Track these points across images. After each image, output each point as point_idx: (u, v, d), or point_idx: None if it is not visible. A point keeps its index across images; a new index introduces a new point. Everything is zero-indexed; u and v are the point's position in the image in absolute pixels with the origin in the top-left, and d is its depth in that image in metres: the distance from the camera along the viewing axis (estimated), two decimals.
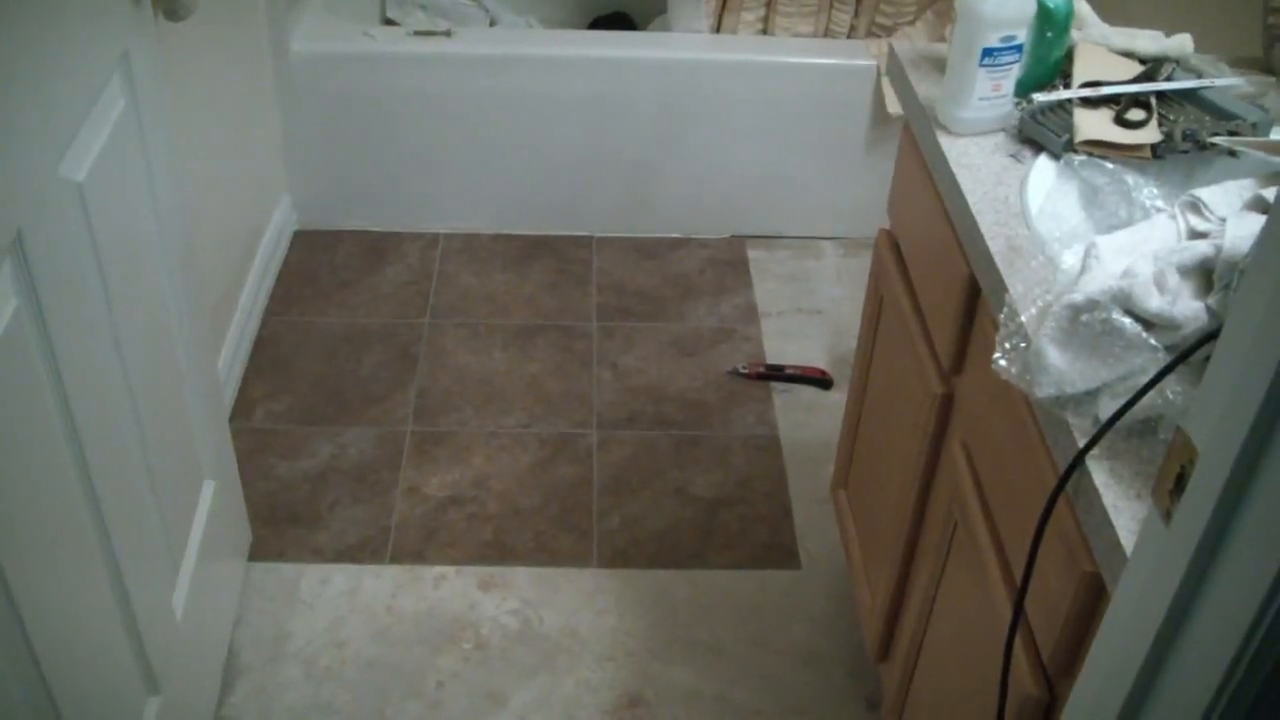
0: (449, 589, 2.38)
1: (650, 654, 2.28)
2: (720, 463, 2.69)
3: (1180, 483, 0.85)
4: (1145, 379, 1.13)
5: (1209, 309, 1.18)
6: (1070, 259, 1.33)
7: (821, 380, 2.90)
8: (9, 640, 1.27)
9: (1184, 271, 1.21)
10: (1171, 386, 1.13)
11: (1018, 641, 1.32)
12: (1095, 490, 1.13)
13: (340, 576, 2.40)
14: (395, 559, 2.44)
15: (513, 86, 3.15)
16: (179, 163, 1.92)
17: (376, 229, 3.35)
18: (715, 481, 2.65)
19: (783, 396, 2.88)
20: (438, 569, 2.43)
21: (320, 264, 3.23)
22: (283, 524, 2.50)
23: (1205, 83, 1.67)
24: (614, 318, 3.09)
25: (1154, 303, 1.18)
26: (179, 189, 1.90)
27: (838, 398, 2.81)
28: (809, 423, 2.80)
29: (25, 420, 1.33)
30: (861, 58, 3.15)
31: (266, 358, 2.91)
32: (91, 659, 1.52)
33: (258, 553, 2.42)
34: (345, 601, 2.35)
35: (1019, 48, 1.61)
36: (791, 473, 2.67)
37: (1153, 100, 1.63)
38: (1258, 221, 1.24)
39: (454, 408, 2.80)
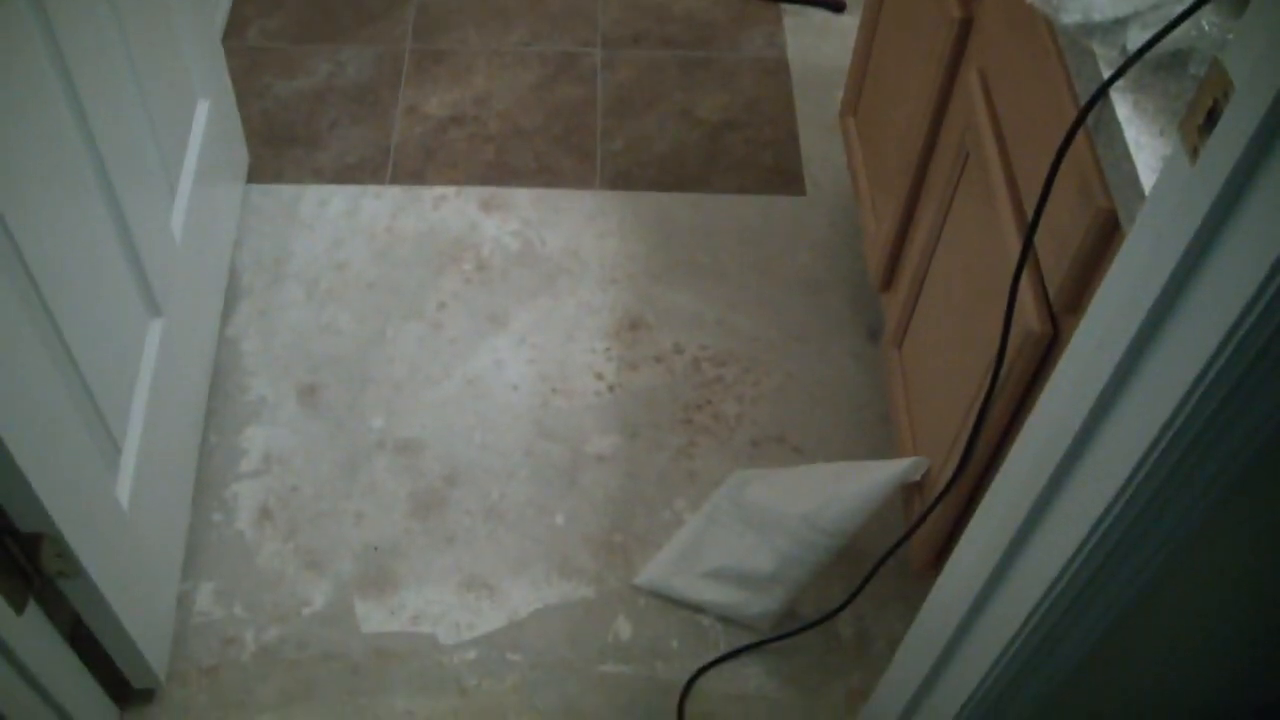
0: (450, 209, 2.37)
1: (652, 277, 2.28)
2: (727, 85, 2.63)
3: (1211, 118, 0.81)
4: (1180, 8, 1.07)
5: None
6: None
7: (834, 3, 2.80)
8: (8, 268, 1.26)
9: None
10: (1208, 17, 1.07)
11: (1024, 276, 1.30)
12: (1118, 124, 1.09)
13: (339, 198, 2.38)
14: (395, 180, 2.42)
15: None
16: None
17: None
18: (721, 104, 2.59)
19: (793, 18, 2.78)
20: (438, 189, 2.40)
21: None
22: (281, 145, 2.46)
23: None
24: None
25: None
26: None
27: (850, 21, 2.72)
28: (819, 46, 2.72)
29: (7, 43, 1.28)
30: None
31: None
32: (92, 285, 1.51)
33: (256, 175, 2.39)
34: (345, 222, 2.33)
35: None
36: (800, 97, 2.61)
37: None
38: None
39: (454, 25, 2.72)
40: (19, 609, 1.34)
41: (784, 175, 2.46)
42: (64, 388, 1.36)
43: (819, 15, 2.79)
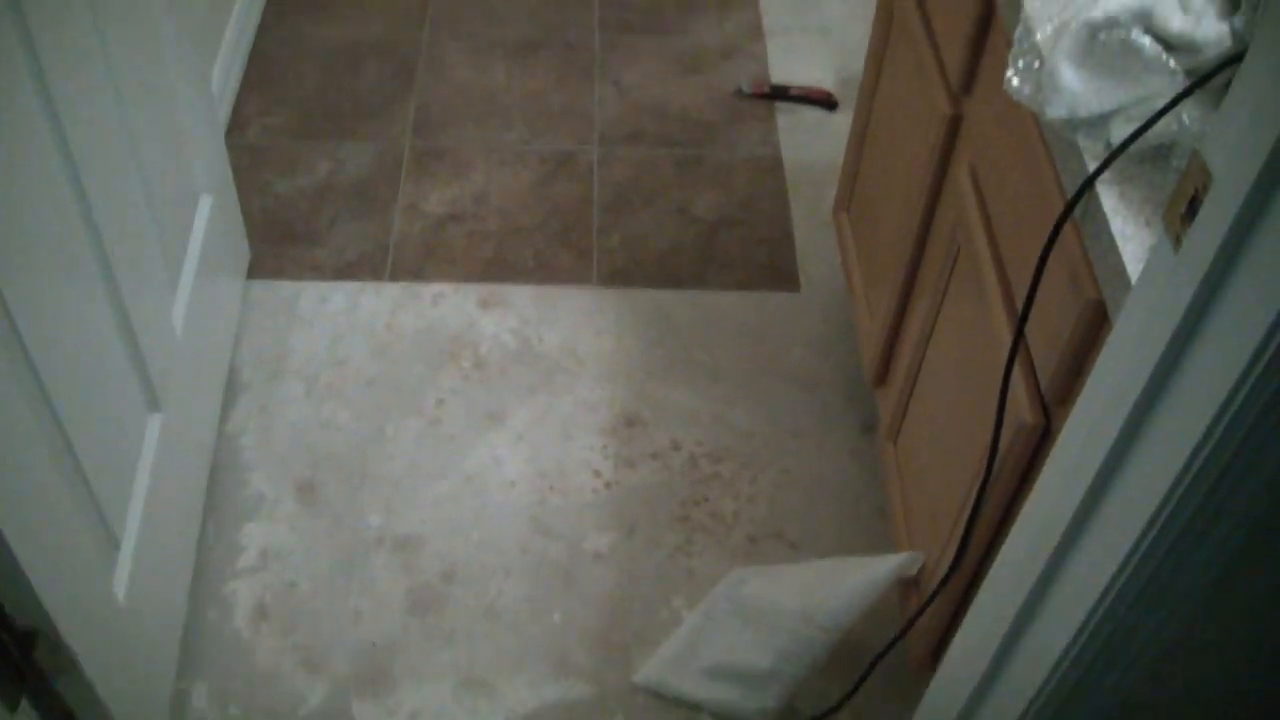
0: (448, 306, 2.38)
1: (648, 374, 2.29)
2: (722, 183, 2.66)
3: (1192, 209, 0.83)
4: (1162, 102, 1.09)
5: (1234, 31, 1.13)
6: None
7: (826, 101, 2.84)
8: (10, 360, 1.27)
9: None
10: (1189, 111, 1.09)
11: (1016, 368, 1.31)
12: (1104, 216, 1.10)
13: (339, 294, 2.39)
14: (394, 276, 2.43)
15: None
16: None
17: None
18: (717, 202, 2.62)
19: (786, 117, 2.82)
20: (437, 286, 2.42)
21: None
22: (281, 241, 2.48)
23: None
24: (617, 32, 3.01)
25: (1176, 22, 1.13)
26: None
27: (842, 120, 2.75)
28: (812, 144, 2.75)
29: (14, 135, 1.30)
30: None
31: (261, 71, 2.84)
32: (93, 377, 1.52)
33: (256, 270, 2.41)
34: (345, 319, 2.35)
35: None
36: (793, 194, 2.63)
37: None
38: None
39: (454, 123, 2.76)
40: (12, 706, 1.33)
41: (779, 272, 2.48)
42: (63, 481, 1.37)
43: (812, 114, 2.83)
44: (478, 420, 2.20)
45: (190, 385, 1.93)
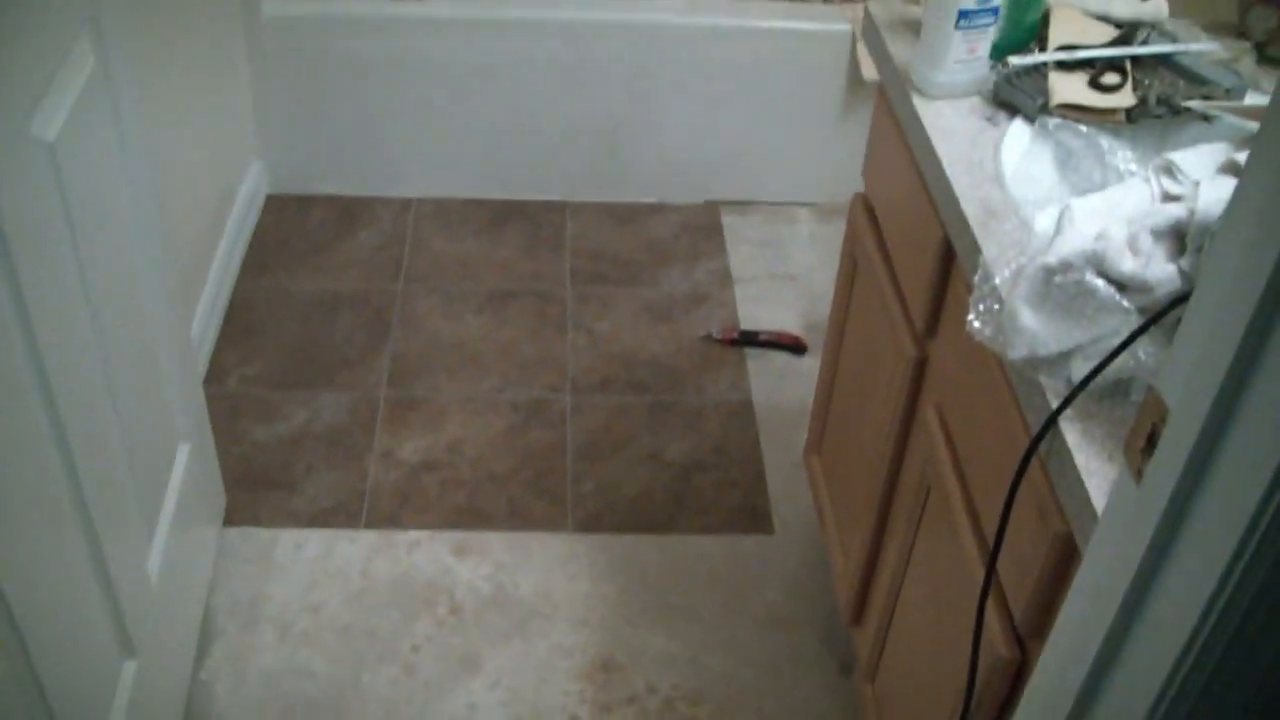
0: (423, 554, 2.39)
1: (623, 618, 2.29)
2: (694, 428, 2.69)
3: (1151, 442, 0.86)
4: (1118, 340, 1.14)
5: (1181, 271, 1.18)
6: (1044, 221, 1.33)
7: (795, 346, 2.90)
8: None
9: (1157, 234, 1.22)
10: (1144, 348, 1.14)
11: (990, 603, 1.32)
12: (1068, 451, 1.14)
13: (315, 541, 2.40)
14: (370, 524, 2.44)
15: (486, 50, 3.13)
16: (150, 126, 1.90)
17: (349, 194, 3.33)
18: (689, 446, 2.65)
19: (756, 362, 2.88)
20: (412, 534, 2.43)
21: (293, 229, 3.21)
22: (257, 488, 2.49)
23: (1180, 48, 1.67)
24: (588, 283, 3.09)
25: (1127, 265, 1.18)
26: (150, 151, 1.89)
27: (811, 363, 2.81)
28: (782, 388, 2.80)
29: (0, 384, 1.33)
30: (837, 22, 3.14)
31: (240, 323, 2.90)
32: (68, 623, 1.51)
33: (233, 517, 2.42)
34: (320, 566, 2.35)
35: (995, 10, 1.61)
36: (765, 438, 2.67)
37: (1128, 64, 1.63)
38: (1230, 185, 1.25)
39: (428, 372, 2.80)
40: None
41: (752, 514, 2.50)
42: None
43: (781, 358, 2.89)
44: (453, 667, 2.18)
45: (165, 632, 1.92)
